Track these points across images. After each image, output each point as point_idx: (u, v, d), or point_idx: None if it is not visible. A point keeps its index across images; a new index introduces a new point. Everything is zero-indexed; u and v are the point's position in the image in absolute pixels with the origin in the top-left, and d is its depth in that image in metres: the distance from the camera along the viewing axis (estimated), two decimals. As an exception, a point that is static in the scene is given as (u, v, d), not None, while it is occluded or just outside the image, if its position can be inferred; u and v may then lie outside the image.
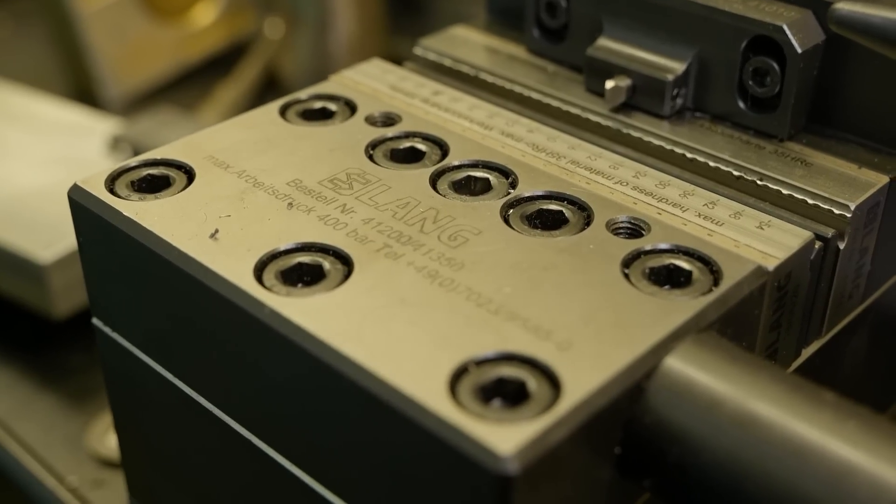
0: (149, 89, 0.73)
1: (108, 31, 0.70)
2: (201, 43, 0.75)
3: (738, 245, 0.25)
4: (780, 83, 0.29)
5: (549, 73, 0.33)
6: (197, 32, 0.74)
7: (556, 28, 0.33)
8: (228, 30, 0.75)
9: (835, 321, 0.29)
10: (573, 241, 0.25)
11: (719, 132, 0.30)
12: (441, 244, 0.25)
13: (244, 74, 0.71)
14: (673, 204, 0.27)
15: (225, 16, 0.75)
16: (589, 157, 0.29)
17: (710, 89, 0.30)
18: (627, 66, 0.31)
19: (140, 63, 0.72)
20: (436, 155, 0.29)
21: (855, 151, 0.29)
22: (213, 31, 0.75)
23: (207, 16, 0.74)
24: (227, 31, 0.75)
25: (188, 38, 0.74)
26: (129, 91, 0.72)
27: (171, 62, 0.73)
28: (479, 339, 0.22)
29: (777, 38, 0.28)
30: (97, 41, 0.69)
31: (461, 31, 0.36)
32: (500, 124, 0.30)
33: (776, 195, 0.28)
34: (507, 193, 0.27)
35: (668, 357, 0.22)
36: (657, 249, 0.25)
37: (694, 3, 0.30)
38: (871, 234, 0.28)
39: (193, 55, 0.74)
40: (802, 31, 0.28)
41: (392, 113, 0.31)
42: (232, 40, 0.76)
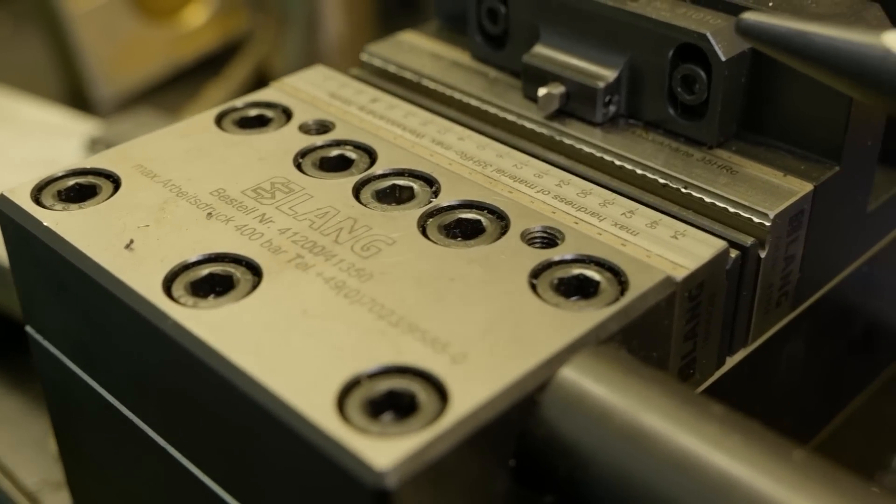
0: (140, 89, 0.73)
1: (98, 32, 0.70)
2: (193, 43, 0.75)
3: (650, 255, 0.25)
4: (707, 91, 0.29)
5: (490, 79, 0.33)
6: (189, 33, 0.75)
7: (497, 34, 0.33)
8: (221, 30, 0.76)
9: (763, 329, 0.29)
10: (485, 251, 0.25)
11: (650, 139, 0.30)
12: (353, 254, 0.25)
13: (233, 75, 0.71)
14: (591, 213, 0.27)
15: (217, 16, 0.75)
16: (515, 165, 0.29)
17: (641, 97, 0.30)
18: (561, 73, 0.31)
19: (131, 63, 0.72)
20: (364, 163, 0.29)
21: (783, 159, 0.29)
22: (205, 31, 0.75)
23: (199, 16, 0.75)
24: (219, 32, 0.76)
25: (180, 39, 0.74)
26: (121, 91, 0.72)
27: (162, 62, 0.74)
28: (374, 352, 0.22)
29: (701, 46, 0.28)
30: (88, 42, 0.70)
31: (409, 36, 0.36)
32: (431, 132, 0.30)
33: (700, 203, 0.28)
34: (429, 202, 0.27)
35: (562, 369, 0.22)
36: (566, 260, 0.25)
37: (623, 10, 0.29)
38: (796, 242, 0.28)
39: (185, 56, 0.75)
40: (727, 39, 0.28)
41: (326, 121, 0.31)
42: (224, 40, 0.76)
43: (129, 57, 0.72)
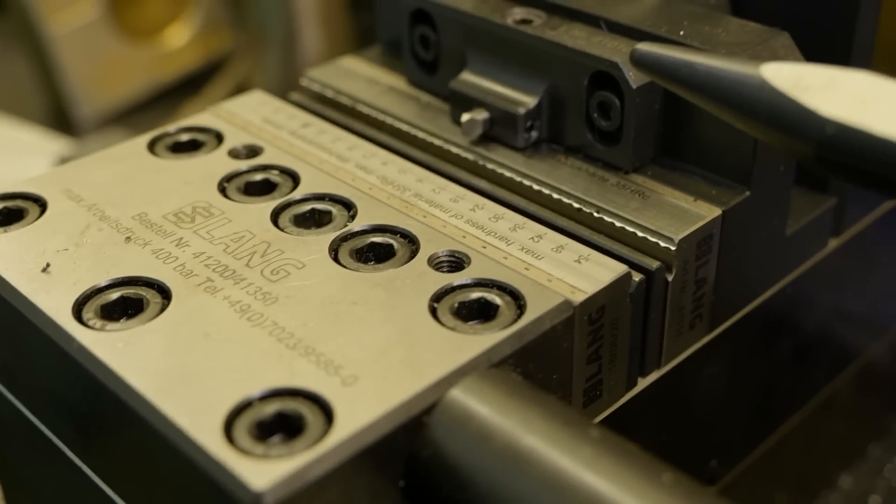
0: (122, 108, 0.74)
1: (79, 52, 0.71)
2: (175, 63, 0.76)
3: (551, 279, 0.26)
4: (621, 117, 0.29)
5: (422, 104, 0.34)
6: (170, 53, 0.76)
7: (429, 61, 0.34)
8: (203, 49, 0.77)
9: (677, 351, 0.29)
10: (391, 275, 0.26)
11: (569, 164, 0.30)
12: (262, 278, 0.26)
13: (212, 94, 0.72)
14: (500, 237, 0.27)
15: (199, 36, 0.77)
16: (433, 189, 0.29)
17: (562, 122, 0.31)
18: (485, 99, 0.31)
19: (113, 83, 0.73)
20: (287, 187, 0.30)
21: (695, 184, 0.29)
22: (187, 50, 0.76)
23: (181, 37, 0.76)
24: (201, 51, 0.77)
25: (162, 58, 0.75)
26: (103, 110, 0.73)
27: (144, 82, 0.75)
28: (268, 375, 0.23)
29: (613, 74, 0.29)
30: (69, 61, 0.71)
31: (351, 62, 0.37)
32: (356, 156, 0.31)
33: (611, 227, 0.28)
34: (344, 226, 0.28)
35: (451, 391, 0.23)
36: (467, 284, 0.25)
37: (542, 39, 0.30)
38: (707, 266, 0.29)
39: (168, 75, 0.76)
40: (641, 67, 0.28)
41: (255, 145, 0.32)
42: (206, 59, 0.77)
43: (110, 76, 0.73)
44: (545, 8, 0.32)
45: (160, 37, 0.75)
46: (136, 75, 0.74)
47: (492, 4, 0.32)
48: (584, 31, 0.30)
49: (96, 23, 0.71)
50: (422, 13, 0.34)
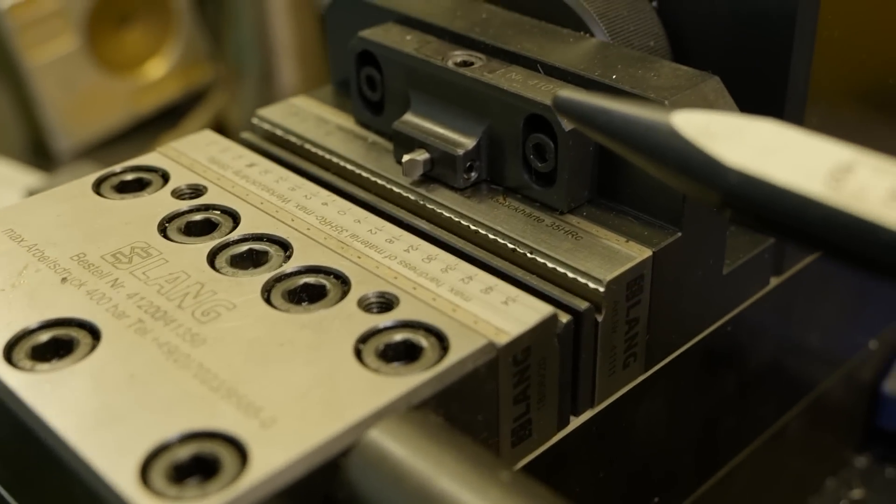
0: (100, 140, 0.75)
1: (57, 84, 0.72)
2: (154, 95, 0.77)
3: (477, 321, 0.26)
4: (555, 159, 0.30)
5: (368, 144, 0.34)
6: (150, 85, 0.76)
7: (375, 101, 0.35)
8: (182, 82, 0.77)
9: (611, 390, 0.30)
10: (320, 316, 0.26)
11: (506, 205, 0.31)
12: (192, 319, 0.26)
13: (189, 127, 0.73)
14: (431, 278, 0.28)
15: (178, 68, 0.77)
16: (370, 230, 0.30)
17: (501, 163, 0.31)
18: (426, 140, 0.32)
19: (91, 115, 0.74)
20: (227, 227, 0.30)
21: (628, 225, 0.30)
22: (166, 83, 0.77)
23: (160, 69, 0.77)
24: (180, 83, 0.77)
25: (141, 91, 0.76)
26: (81, 142, 0.74)
27: (123, 114, 0.75)
28: (188, 416, 0.23)
29: (547, 117, 0.29)
30: (47, 93, 0.72)
31: (301, 101, 0.37)
32: (298, 196, 0.31)
33: (543, 268, 0.29)
34: (279, 267, 0.28)
35: (368, 433, 0.23)
36: (393, 325, 0.26)
37: (480, 81, 0.31)
38: (639, 306, 0.29)
39: (146, 107, 0.76)
40: (572, 110, 0.29)
41: (199, 185, 0.32)
42: (186, 91, 0.78)
43: (88, 108, 0.74)
44: (486, 51, 0.32)
45: (139, 69, 0.75)
46: (114, 107, 0.75)
47: (434, 47, 0.33)
48: (522, 73, 0.31)
49: (74, 55, 0.72)
50: (368, 54, 0.34)
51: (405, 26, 0.34)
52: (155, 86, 0.77)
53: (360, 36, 0.34)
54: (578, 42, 0.32)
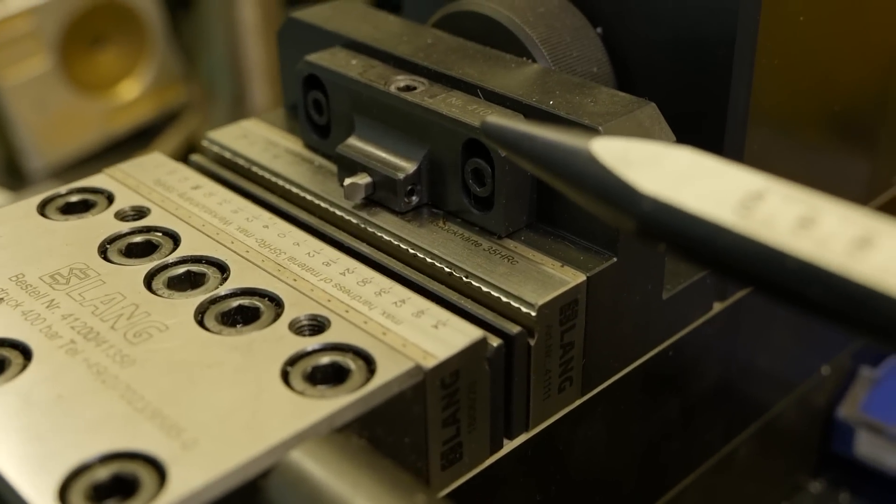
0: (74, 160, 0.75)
1: (31, 104, 0.72)
2: (127, 115, 0.77)
3: (406, 344, 0.26)
4: (493, 183, 0.30)
5: (315, 167, 0.35)
6: (122, 105, 0.77)
7: (322, 124, 0.35)
8: (155, 102, 0.78)
9: (546, 414, 0.30)
10: (250, 338, 0.26)
11: (446, 229, 0.31)
12: (124, 341, 0.26)
13: (161, 148, 0.73)
14: (364, 301, 0.28)
15: (152, 89, 0.77)
16: (308, 253, 0.30)
17: (441, 187, 0.32)
18: (368, 164, 0.32)
19: (64, 135, 0.74)
20: (168, 249, 0.30)
21: (565, 250, 0.30)
22: (139, 103, 0.77)
23: (134, 89, 0.77)
24: (153, 104, 0.78)
25: (114, 111, 0.76)
26: (54, 162, 0.74)
27: (96, 134, 0.76)
28: (111, 437, 0.23)
29: (484, 142, 0.29)
30: (21, 114, 0.72)
31: (251, 124, 0.38)
32: (239, 219, 0.32)
33: (478, 292, 0.29)
34: (215, 289, 0.29)
35: (288, 455, 0.23)
36: (321, 348, 0.26)
37: (420, 106, 0.31)
38: (573, 330, 0.29)
39: (119, 127, 0.77)
40: (509, 135, 0.29)
41: (143, 207, 0.32)
42: (159, 112, 0.78)
43: (62, 129, 0.74)
44: (429, 75, 0.33)
45: (112, 90, 0.76)
46: (87, 128, 0.75)
47: (378, 71, 0.33)
48: (462, 98, 0.31)
49: (47, 75, 0.72)
50: (314, 78, 0.34)
51: (352, 50, 0.35)
52: (128, 106, 0.77)
53: (307, 60, 0.34)
54: (520, 68, 0.32)
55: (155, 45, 0.76)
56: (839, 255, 0.19)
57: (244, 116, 0.72)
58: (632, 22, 0.33)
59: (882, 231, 0.19)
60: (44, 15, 0.71)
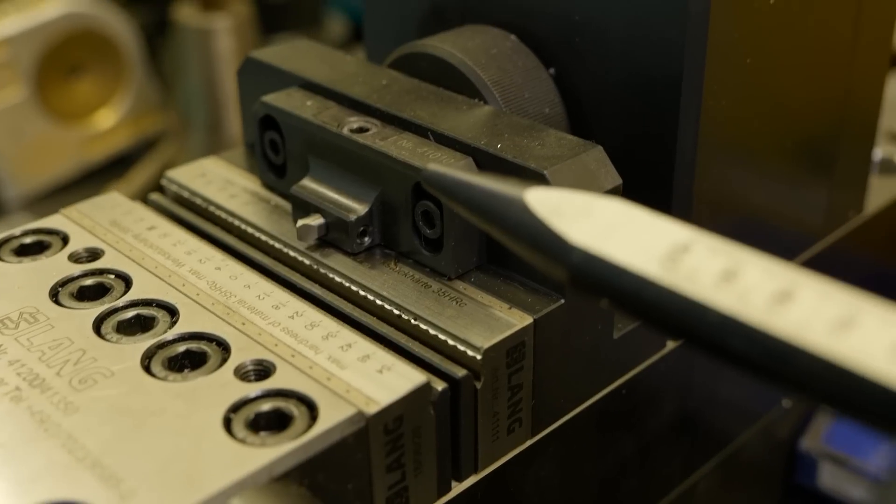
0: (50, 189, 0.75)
1: (6, 133, 0.72)
2: (104, 144, 0.77)
3: (350, 390, 0.26)
4: (442, 225, 0.30)
5: (271, 206, 0.35)
6: (99, 134, 0.77)
7: (279, 164, 0.35)
8: (132, 131, 0.78)
9: (495, 456, 0.30)
10: (195, 385, 0.27)
11: (397, 270, 0.31)
12: (68, 387, 0.26)
13: (136, 178, 0.73)
14: (311, 346, 0.28)
15: (129, 117, 0.78)
16: (258, 296, 0.30)
17: (393, 229, 0.32)
18: (321, 205, 0.32)
19: (41, 164, 0.74)
20: (119, 292, 0.31)
21: (514, 292, 0.30)
22: (116, 132, 0.77)
23: (110, 118, 0.77)
24: (131, 132, 0.78)
25: (90, 140, 0.76)
26: (30, 191, 0.74)
27: (72, 163, 0.76)
28: (49, 487, 0.23)
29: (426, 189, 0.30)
30: (-4, 143, 0.72)
31: (210, 162, 0.38)
32: (192, 261, 0.32)
33: (426, 335, 0.29)
34: (164, 333, 0.29)
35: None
36: (265, 394, 0.26)
37: (371, 148, 0.31)
38: (521, 372, 0.29)
39: (96, 156, 0.77)
40: (457, 179, 0.29)
41: (97, 248, 0.32)
42: (137, 140, 0.78)
43: (38, 158, 0.74)
44: (382, 117, 0.33)
45: (89, 119, 0.76)
46: (63, 157, 0.75)
47: (332, 113, 0.33)
48: (413, 141, 0.31)
49: (23, 105, 0.72)
50: (270, 119, 0.35)
51: (309, 91, 0.35)
52: (105, 135, 0.77)
53: (263, 101, 0.35)
54: (471, 109, 0.33)
55: (132, 74, 0.76)
56: (759, 309, 0.19)
57: (220, 145, 0.72)
58: (583, 63, 0.34)
59: (802, 285, 0.20)
60: (19, 44, 0.71)
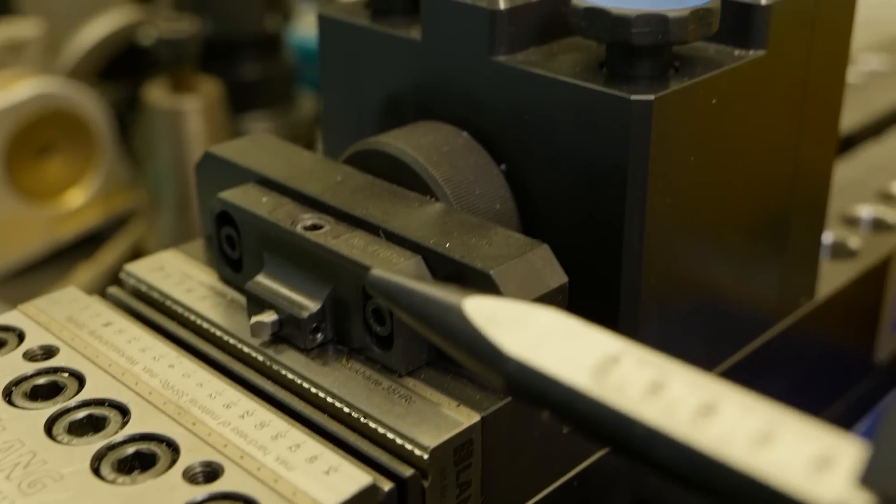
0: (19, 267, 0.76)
1: (-25, 214, 0.73)
2: (75, 222, 0.78)
3: (296, 492, 0.27)
4: (392, 323, 0.31)
5: (227, 301, 0.35)
6: (69, 213, 0.77)
7: (235, 259, 0.36)
8: (102, 209, 0.78)
9: (444, 551, 0.30)
10: (143, 488, 0.27)
11: (349, 367, 0.32)
12: (17, 492, 0.27)
13: (107, 257, 0.73)
14: (259, 446, 0.28)
15: (98, 196, 0.78)
16: (210, 394, 0.31)
17: (346, 325, 0.32)
18: (274, 301, 0.33)
19: (9, 243, 0.75)
20: (73, 391, 0.31)
21: (463, 389, 0.31)
22: (86, 210, 0.78)
23: (80, 197, 0.78)
24: (100, 211, 0.78)
25: (60, 218, 0.77)
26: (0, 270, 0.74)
27: (41, 242, 0.76)
28: None
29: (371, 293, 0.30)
30: (-35, 223, 0.72)
31: (170, 255, 0.38)
32: (146, 358, 0.32)
33: (375, 433, 0.29)
34: (115, 433, 0.29)
35: None
36: (209, 498, 0.26)
37: (322, 246, 0.32)
38: (470, 469, 0.30)
39: (65, 234, 0.77)
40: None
41: (52, 346, 0.33)
42: (106, 219, 0.79)
43: (7, 237, 0.74)
44: (335, 214, 0.33)
45: (59, 198, 0.76)
46: (33, 235, 0.75)
47: (287, 210, 0.34)
48: (364, 239, 0.32)
49: (-7, 185, 0.73)
50: (227, 215, 0.35)
51: (264, 187, 0.36)
52: (74, 214, 0.78)
53: (219, 197, 0.35)
54: (422, 207, 0.33)
55: (103, 154, 0.77)
56: (684, 422, 0.20)
57: (189, 225, 0.73)
58: (532, 160, 0.35)
59: (725, 398, 0.20)
60: (-9, 126, 0.72)
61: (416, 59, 0.37)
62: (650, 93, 0.31)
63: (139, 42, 0.81)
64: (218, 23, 0.80)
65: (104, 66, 0.83)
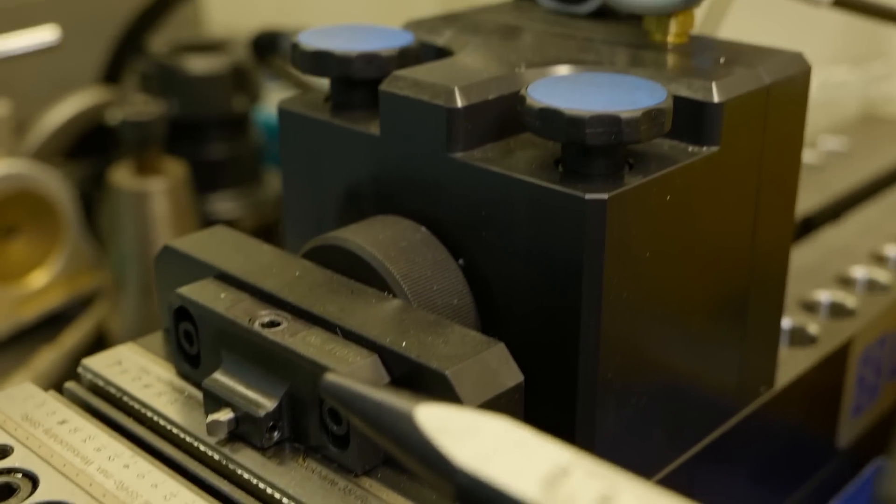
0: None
1: (-62, 296, 0.72)
2: (38, 303, 0.77)
3: None
4: (348, 423, 0.31)
5: (185, 397, 0.35)
6: (32, 293, 0.77)
7: (193, 354, 0.36)
8: (66, 290, 0.78)
9: None
10: None
11: (305, 466, 0.32)
12: None
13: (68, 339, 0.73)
14: (212, 552, 0.28)
15: (62, 276, 0.78)
16: (164, 496, 0.30)
17: (303, 424, 0.32)
18: (231, 399, 0.33)
19: (-28, 324, 0.74)
20: (26, 492, 0.31)
21: (418, 489, 0.31)
22: (49, 291, 0.78)
23: (44, 278, 0.77)
24: (64, 291, 0.78)
25: (23, 299, 0.76)
26: (-39, 352, 0.74)
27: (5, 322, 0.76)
28: None
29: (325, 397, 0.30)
30: (-73, 305, 0.72)
31: (127, 349, 0.38)
32: (100, 458, 0.32)
33: (330, 536, 0.29)
34: (68, 539, 0.29)
35: None
36: None
37: (279, 344, 0.32)
38: (426, 571, 0.29)
39: (28, 315, 0.77)
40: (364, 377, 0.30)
41: (7, 445, 0.32)
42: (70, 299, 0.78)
43: (-31, 318, 0.74)
44: (292, 311, 0.33)
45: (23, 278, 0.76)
46: (-5, 316, 0.75)
47: (245, 306, 0.34)
48: (321, 337, 0.32)
49: (-43, 266, 0.72)
50: (185, 310, 0.35)
51: (223, 282, 0.36)
52: (38, 294, 0.77)
53: (177, 293, 0.35)
54: (380, 303, 0.33)
55: (68, 234, 0.76)
56: (632, 538, 0.20)
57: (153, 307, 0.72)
58: (491, 254, 0.35)
59: (673, 513, 0.20)
60: (-45, 208, 0.71)
61: (374, 154, 0.37)
62: (604, 191, 0.32)
63: (106, 122, 0.81)
64: (185, 103, 0.80)
65: (71, 146, 0.83)
